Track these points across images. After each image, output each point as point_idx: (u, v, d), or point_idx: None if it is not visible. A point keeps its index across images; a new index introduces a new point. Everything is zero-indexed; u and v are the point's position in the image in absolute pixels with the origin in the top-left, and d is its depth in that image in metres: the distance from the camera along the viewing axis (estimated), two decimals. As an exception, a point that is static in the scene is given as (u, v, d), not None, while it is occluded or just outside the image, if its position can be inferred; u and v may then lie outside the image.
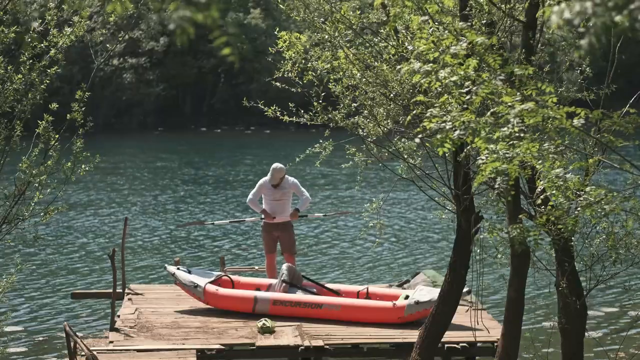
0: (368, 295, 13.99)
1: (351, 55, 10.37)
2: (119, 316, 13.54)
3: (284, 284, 13.95)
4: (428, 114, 7.20)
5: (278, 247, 15.24)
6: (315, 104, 10.75)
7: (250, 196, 15.24)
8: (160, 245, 22.94)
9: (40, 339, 15.52)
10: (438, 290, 11.24)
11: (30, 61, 10.77)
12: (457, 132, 6.86)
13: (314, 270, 19.62)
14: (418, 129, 7.86)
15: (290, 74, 10.81)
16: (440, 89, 7.48)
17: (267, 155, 41.67)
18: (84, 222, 25.97)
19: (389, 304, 13.25)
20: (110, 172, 36.21)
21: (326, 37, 10.43)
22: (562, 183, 7.21)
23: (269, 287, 14.17)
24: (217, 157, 42.08)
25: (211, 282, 13.91)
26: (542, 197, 8.18)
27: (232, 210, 27.92)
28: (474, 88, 6.93)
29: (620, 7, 4.59)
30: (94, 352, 11.32)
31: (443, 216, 11.48)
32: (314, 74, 10.66)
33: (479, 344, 12.33)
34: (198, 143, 48.71)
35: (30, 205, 10.78)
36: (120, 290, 14.42)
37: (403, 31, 9.98)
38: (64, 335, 12.05)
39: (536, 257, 9.72)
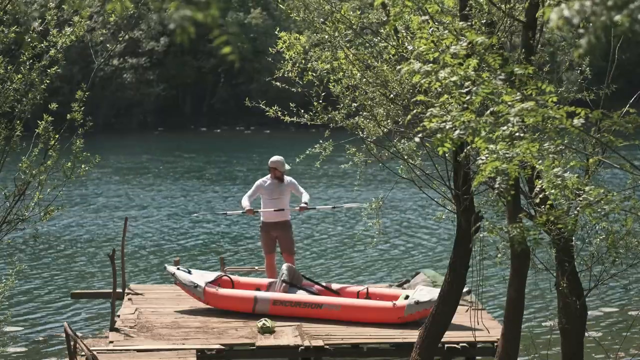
0: (368, 295, 13.98)
1: (351, 55, 10.37)
2: (119, 316, 13.54)
3: (284, 284, 13.95)
4: (428, 114, 7.20)
5: (278, 247, 15.22)
6: (315, 104, 10.75)
7: (245, 196, 15.20)
8: (160, 245, 22.95)
9: (40, 339, 15.52)
10: (438, 290, 11.24)
11: (30, 61, 10.77)
12: (457, 132, 6.86)
13: (314, 270, 19.62)
14: (418, 129, 7.86)
15: (290, 74, 10.81)
16: (440, 89, 7.48)
17: (271, 154, 41.64)
18: (84, 222, 25.97)
19: (389, 304, 13.25)
20: (110, 172, 36.22)
21: (326, 37, 10.43)
22: (560, 182, 7.20)
23: (269, 287, 14.17)
24: (218, 157, 42.08)
25: (211, 282, 13.91)
26: (540, 196, 8.17)
27: (236, 210, 27.90)
28: (474, 88, 6.93)
29: (619, 6, 4.59)
30: (94, 352, 11.32)
31: (443, 216, 11.48)
32: (314, 74, 10.65)
33: (479, 344, 12.33)
34: (198, 143, 48.72)
35: (30, 205, 10.77)
36: (120, 290, 14.42)
37: (403, 31, 9.97)
38: (64, 335, 12.05)
39: (536, 257, 9.72)
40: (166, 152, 44.31)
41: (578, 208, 7.90)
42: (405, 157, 10.64)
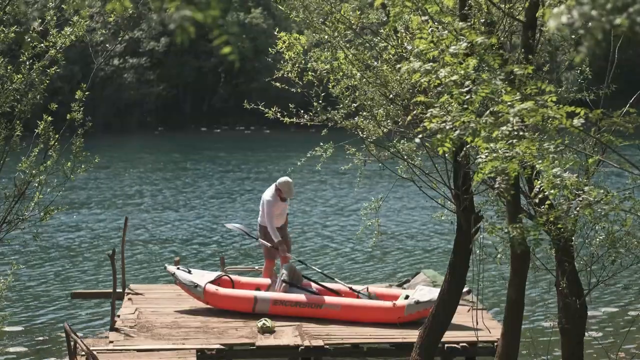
0: (368, 294, 13.98)
1: (351, 55, 10.36)
2: (119, 316, 13.54)
3: (284, 284, 13.94)
4: (428, 114, 7.19)
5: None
6: (315, 104, 10.74)
7: (270, 224, 14.27)
8: (160, 245, 22.95)
9: (40, 339, 15.52)
10: (438, 290, 11.24)
11: (30, 61, 10.76)
12: (457, 132, 6.85)
13: (314, 270, 19.60)
14: (418, 129, 7.85)
15: (290, 74, 10.80)
16: (440, 89, 7.48)
17: (272, 154, 41.67)
18: (84, 222, 25.97)
19: (389, 303, 13.25)
20: (110, 171, 36.22)
21: (326, 37, 10.42)
22: (559, 182, 7.20)
23: (269, 287, 14.16)
24: (218, 156, 42.08)
25: (211, 282, 13.91)
26: (540, 195, 8.16)
27: (236, 210, 27.90)
28: (474, 87, 6.93)
29: (619, 9, 4.58)
30: (94, 352, 11.32)
31: (443, 217, 11.47)
32: (313, 74, 10.64)
33: (479, 344, 12.32)
34: (198, 143, 48.72)
35: (30, 205, 10.77)
36: (120, 290, 14.42)
37: (402, 31, 9.97)
38: (64, 335, 12.05)
39: (536, 257, 9.72)
40: (166, 152, 44.31)
41: (578, 208, 7.90)
42: (405, 157, 10.64)
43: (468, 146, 8.21)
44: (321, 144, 10.88)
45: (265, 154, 42.25)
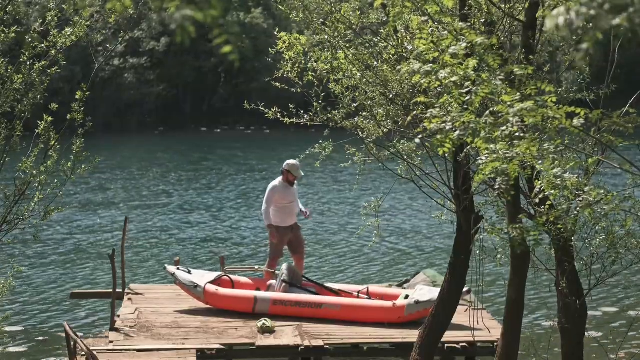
0: (368, 295, 13.98)
1: (351, 55, 10.37)
2: (119, 316, 13.54)
3: (284, 284, 13.94)
4: (428, 115, 7.20)
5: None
6: (315, 104, 10.75)
7: (264, 206, 14.56)
8: (160, 245, 22.94)
9: (40, 339, 15.52)
10: (438, 290, 11.24)
11: (31, 61, 10.76)
12: (457, 133, 6.86)
13: (314, 271, 19.61)
14: (418, 129, 7.86)
15: (290, 75, 10.80)
16: (440, 89, 7.48)
17: (271, 154, 41.66)
18: (84, 222, 25.97)
19: (388, 303, 13.25)
20: (110, 171, 36.22)
21: (326, 37, 10.42)
22: (559, 183, 7.20)
23: (269, 287, 14.17)
24: (219, 157, 42.08)
25: (211, 282, 13.91)
26: (540, 196, 8.17)
27: (236, 212, 27.90)
28: (474, 88, 6.92)
29: (618, 10, 4.59)
30: (94, 352, 11.32)
31: (443, 217, 11.48)
32: (313, 74, 10.64)
33: (479, 344, 12.33)
34: (198, 143, 48.72)
35: (30, 205, 10.77)
36: (120, 290, 14.42)
37: (403, 31, 9.97)
38: (64, 335, 12.05)
39: (536, 257, 9.72)
40: (166, 152, 44.30)
41: (578, 208, 7.90)
42: (405, 157, 10.64)
43: (468, 147, 8.21)
44: (320, 141, 10.88)
45: (269, 154, 42.23)
